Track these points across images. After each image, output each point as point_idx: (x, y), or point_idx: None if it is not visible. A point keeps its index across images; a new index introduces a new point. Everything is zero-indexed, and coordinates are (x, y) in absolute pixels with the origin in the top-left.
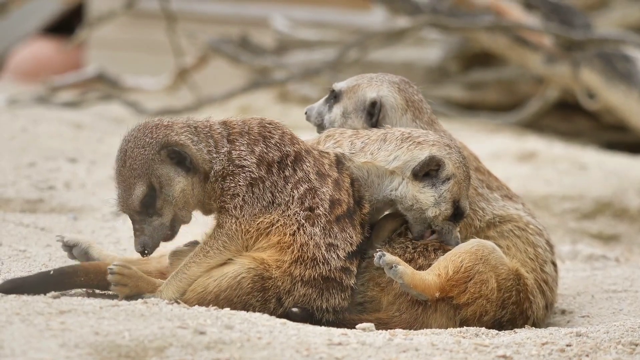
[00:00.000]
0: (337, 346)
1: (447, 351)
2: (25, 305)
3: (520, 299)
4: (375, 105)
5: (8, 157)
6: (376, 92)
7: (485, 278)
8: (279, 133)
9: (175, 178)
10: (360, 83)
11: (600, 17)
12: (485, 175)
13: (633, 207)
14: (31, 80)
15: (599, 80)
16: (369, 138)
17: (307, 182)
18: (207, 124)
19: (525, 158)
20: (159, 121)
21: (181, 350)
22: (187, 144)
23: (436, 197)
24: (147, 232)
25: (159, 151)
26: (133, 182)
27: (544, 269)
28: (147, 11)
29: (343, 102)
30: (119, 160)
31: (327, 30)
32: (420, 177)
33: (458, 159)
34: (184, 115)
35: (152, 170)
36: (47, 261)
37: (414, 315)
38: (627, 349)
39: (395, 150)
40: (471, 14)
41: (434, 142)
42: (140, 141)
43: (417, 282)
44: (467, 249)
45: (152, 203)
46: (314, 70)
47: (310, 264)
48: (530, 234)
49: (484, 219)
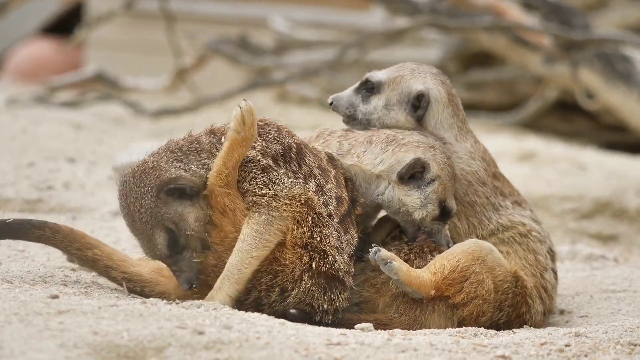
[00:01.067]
0: (335, 346)
1: (446, 351)
2: (23, 306)
3: (517, 302)
4: (423, 97)
5: (7, 157)
6: (422, 84)
7: (481, 279)
8: (274, 128)
9: (184, 211)
10: (403, 74)
11: (600, 18)
12: (500, 181)
13: (632, 207)
14: (30, 81)
15: (599, 80)
16: (355, 140)
17: (313, 177)
18: (192, 139)
19: (525, 158)
20: (144, 165)
21: (180, 350)
22: (179, 174)
23: (422, 199)
24: (186, 268)
25: (157, 196)
26: (150, 233)
27: (543, 276)
28: (146, 11)
29: (385, 94)
30: (127, 216)
31: (327, 31)
32: (405, 180)
33: (442, 160)
34: (184, 115)
35: (161, 215)
36: (46, 261)
37: (412, 316)
38: (626, 349)
39: (380, 153)
40: (470, 14)
41: (419, 144)
42: (136, 193)
43: (413, 279)
44: (464, 249)
45: (176, 243)
46: (313, 71)
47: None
48: (532, 240)
49: (488, 228)
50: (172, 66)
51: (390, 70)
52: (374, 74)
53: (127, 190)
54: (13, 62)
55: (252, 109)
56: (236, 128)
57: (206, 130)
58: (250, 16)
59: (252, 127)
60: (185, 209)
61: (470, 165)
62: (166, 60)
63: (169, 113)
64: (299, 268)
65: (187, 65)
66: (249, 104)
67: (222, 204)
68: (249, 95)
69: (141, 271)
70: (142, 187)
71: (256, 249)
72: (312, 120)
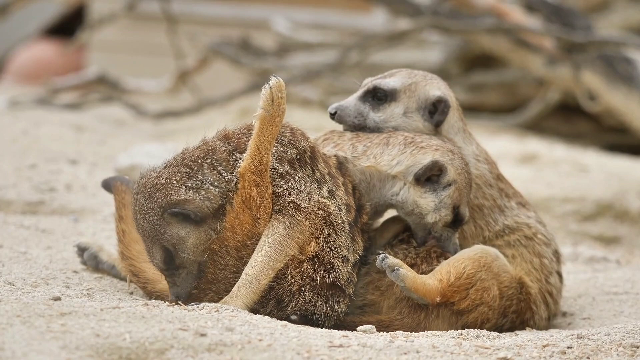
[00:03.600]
0: (338, 348)
1: (448, 353)
2: (25, 308)
3: (521, 308)
4: (442, 103)
5: (9, 159)
6: (438, 90)
7: (487, 285)
8: (288, 130)
9: (185, 236)
10: (416, 80)
11: (602, 19)
12: (504, 182)
13: (634, 209)
14: (32, 82)
15: (600, 82)
16: (371, 142)
17: (325, 183)
18: (207, 148)
19: (527, 160)
20: (157, 180)
21: (182, 352)
22: (188, 198)
23: (436, 202)
24: (178, 283)
25: (161, 215)
26: (151, 245)
27: (548, 280)
28: (148, 13)
29: (403, 101)
30: (135, 221)
31: (328, 32)
32: (422, 182)
33: (460, 165)
34: (186, 117)
35: (161, 234)
36: (48, 263)
37: (416, 320)
38: (628, 351)
39: (398, 154)
40: (472, 16)
41: (437, 147)
42: (144, 206)
43: (419, 286)
44: (470, 256)
45: (172, 261)
46: (315, 73)
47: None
48: (537, 243)
49: (494, 230)
50: (174, 68)
51: (401, 78)
52: (382, 81)
53: (137, 199)
54: (15, 64)
55: (281, 85)
56: (265, 106)
57: (220, 135)
58: (251, 18)
59: (280, 104)
60: (187, 233)
61: (478, 168)
62: (168, 62)
63: (170, 115)
64: (298, 283)
65: (188, 67)
66: (279, 80)
67: (249, 194)
68: (250, 97)
69: (146, 268)
70: (150, 202)
71: (275, 261)
72: (313, 122)
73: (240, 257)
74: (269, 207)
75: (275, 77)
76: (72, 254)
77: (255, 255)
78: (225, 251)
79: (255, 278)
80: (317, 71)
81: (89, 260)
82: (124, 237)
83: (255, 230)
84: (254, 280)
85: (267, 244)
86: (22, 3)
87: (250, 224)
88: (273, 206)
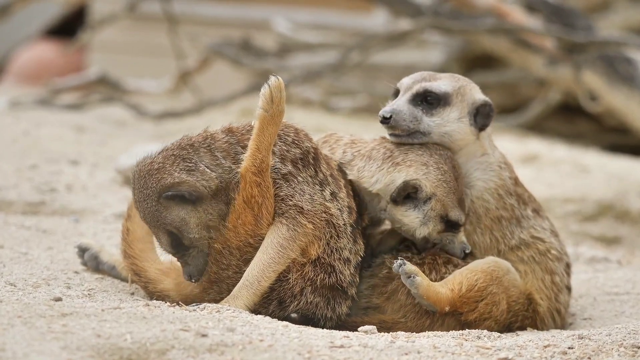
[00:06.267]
0: (339, 349)
1: (449, 354)
2: (27, 308)
3: (525, 325)
4: (486, 107)
5: (10, 160)
6: (481, 94)
7: (497, 300)
8: (292, 130)
9: (186, 217)
10: (463, 84)
11: (602, 20)
12: (520, 186)
13: (635, 209)
14: (33, 83)
15: (601, 82)
16: (358, 151)
17: (327, 184)
18: (206, 135)
19: (528, 160)
20: (150, 165)
21: (183, 352)
22: (182, 179)
23: (421, 218)
24: (190, 262)
25: (158, 200)
26: (156, 232)
27: (558, 299)
28: (149, 14)
29: (456, 106)
30: (138, 209)
31: (329, 33)
32: (401, 202)
33: (437, 176)
34: (186, 118)
35: (162, 219)
36: (49, 263)
37: (420, 326)
38: (629, 351)
39: (377, 171)
40: (473, 16)
41: (411, 163)
42: (141, 193)
43: (431, 293)
44: (484, 268)
45: (180, 243)
46: (316, 73)
47: (328, 277)
48: (550, 259)
49: (510, 244)
50: (175, 69)
51: (449, 81)
52: (433, 85)
53: (136, 186)
54: (16, 65)
55: (281, 85)
56: (264, 106)
57: (224, 128)
58: (252, 18)
59: (279, 103)
60: (187, 214)
61: (502, 177)
62: (169, 62)
63: (171, 115)
64: (299, 285)
65: (189, 67)
66: (279, 80)
67: (250, 194)
68: (251, 98)
69: (148, 268)
70: (146, 188)
71: (277, 264)
72: (314, 122)
73: (242, 258)
74: (270, 207)
75: (275, 77)
76: (73, 254)
77: (258, 257)
78: (228, 251)
79: (257, 280)
80: (318, 72)
81: (89, 260)
82: (128, 235)
83: (258, 230)
84: (255, 282)
85: (270, 246)
86: (23, 3)
87: (253, 224)
88: (276, 209)
